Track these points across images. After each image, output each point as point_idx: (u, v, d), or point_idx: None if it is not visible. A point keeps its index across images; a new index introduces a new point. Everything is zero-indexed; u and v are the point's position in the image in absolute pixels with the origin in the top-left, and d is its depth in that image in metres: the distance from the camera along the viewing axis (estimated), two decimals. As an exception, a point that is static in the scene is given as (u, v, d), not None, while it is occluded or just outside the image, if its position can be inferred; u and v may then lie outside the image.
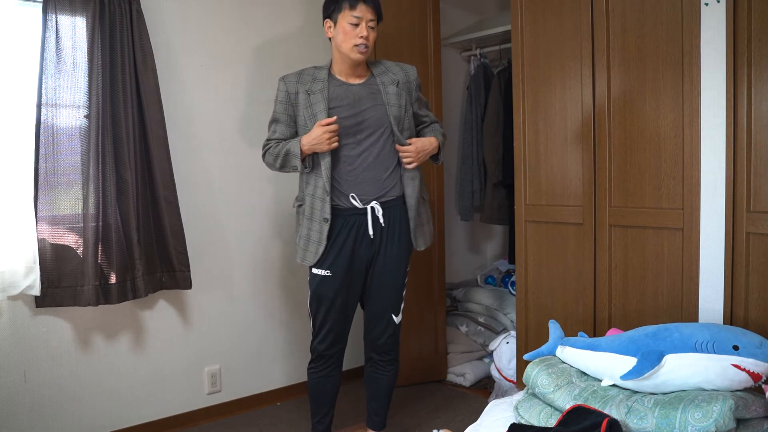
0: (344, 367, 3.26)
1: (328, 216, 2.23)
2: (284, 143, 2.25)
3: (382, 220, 2.27)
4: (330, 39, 2.28)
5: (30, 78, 2.34)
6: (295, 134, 2.29)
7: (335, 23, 2.21)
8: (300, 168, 2.22)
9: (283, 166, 2.27)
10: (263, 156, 2.34)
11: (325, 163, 2.21)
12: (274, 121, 2.30)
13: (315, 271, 2.30)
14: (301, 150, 2.19)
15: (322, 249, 2.25)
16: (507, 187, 3.41)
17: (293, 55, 3.10)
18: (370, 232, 2.26)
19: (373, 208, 2.26)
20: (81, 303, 2.41)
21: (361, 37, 2.18)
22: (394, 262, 2.33)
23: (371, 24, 2.20)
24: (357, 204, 2.25)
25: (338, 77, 2.28)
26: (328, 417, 2.45)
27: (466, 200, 3.71)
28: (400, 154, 2.28)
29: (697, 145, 2.07)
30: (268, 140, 2.32)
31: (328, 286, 2.29)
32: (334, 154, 2.24)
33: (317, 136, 2.16)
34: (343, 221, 2.26)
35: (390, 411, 2.64)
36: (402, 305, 2.40)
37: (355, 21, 2.17)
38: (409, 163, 2.28)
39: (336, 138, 2.19)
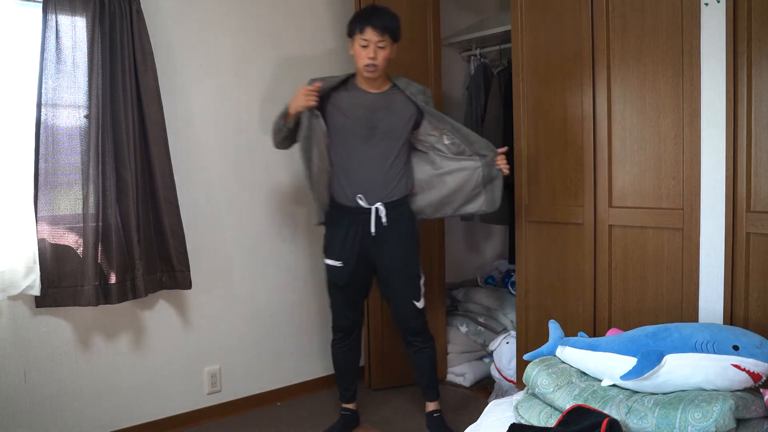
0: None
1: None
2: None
3: (384, 220, 2.46)
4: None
5: (30, 78, 2.34)
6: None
7: (353, 43, 2.45)
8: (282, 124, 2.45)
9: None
10: None
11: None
12: None
13: (329, 262, 2.54)
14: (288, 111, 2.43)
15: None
16: (507, 187, 3.40)
17: (293, 54, 3.10)
18: (372, 229, 2.46)
19: (377, 209, 2.44)
20: (81, 303, 2.41)
21: (369, 57, 2.39)
22: (401, 255, 2.51)
23: (380, 44, 2.40)
24: (363, 204, 2.45)
25: (358, 85, 2.51)
26: (353, 386, 2.73)
27: (466, 200, 3.70)
28: (500, 159, 2.49)
29: (697, 145, 2.07)
30: None
31: (338, 275, 2.53)
32: (347, 156, 2.45)
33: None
34: (350, 219, 2.48)
35: (389, 411, 2.72)
36: (422, 291, 2.57)
37: (364, 43, 2.40)
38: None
39: (315, 98, 2.37)
